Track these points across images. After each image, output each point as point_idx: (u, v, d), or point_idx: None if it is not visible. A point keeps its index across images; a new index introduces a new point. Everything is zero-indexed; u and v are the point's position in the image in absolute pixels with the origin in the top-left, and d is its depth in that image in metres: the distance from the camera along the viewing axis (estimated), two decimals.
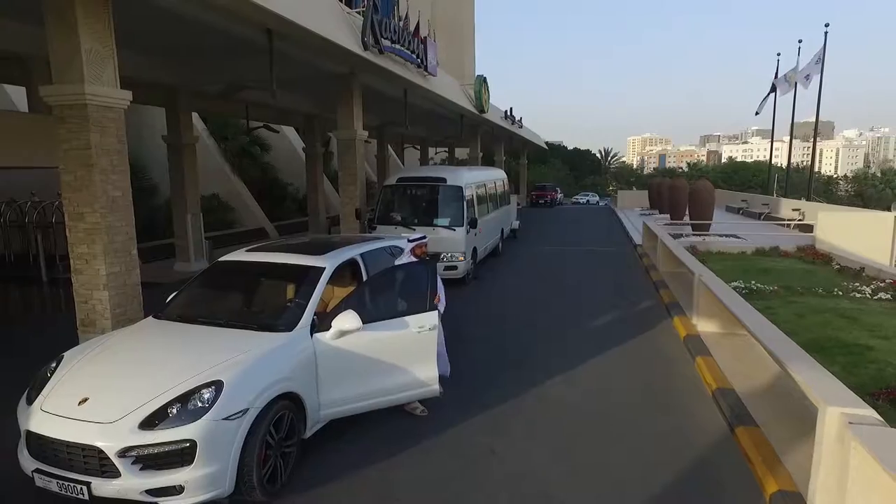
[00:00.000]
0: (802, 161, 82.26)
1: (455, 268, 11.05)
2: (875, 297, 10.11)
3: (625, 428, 5.27)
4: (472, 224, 11.54)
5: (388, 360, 4.88)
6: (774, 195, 35.28)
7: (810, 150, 31.22)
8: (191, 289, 5.46)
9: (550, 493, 4.21)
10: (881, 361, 6.79)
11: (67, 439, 3.58)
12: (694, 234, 18.09)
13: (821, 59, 27.04)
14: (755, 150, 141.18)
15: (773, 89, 30.94)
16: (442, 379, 5.97)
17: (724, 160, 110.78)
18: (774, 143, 37.21)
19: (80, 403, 3.73)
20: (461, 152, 39.82)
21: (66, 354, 4.39)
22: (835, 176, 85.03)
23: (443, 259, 10.71)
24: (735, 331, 7.47)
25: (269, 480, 4.03)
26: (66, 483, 3.56)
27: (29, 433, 3.75)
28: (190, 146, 13.14)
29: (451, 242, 11.08)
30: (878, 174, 74.70)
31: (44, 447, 3.70)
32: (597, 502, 4.10)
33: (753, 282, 11.15)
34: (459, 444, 4.95)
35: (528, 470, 4.53)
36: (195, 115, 16.77)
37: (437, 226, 11.17)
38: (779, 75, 30.65)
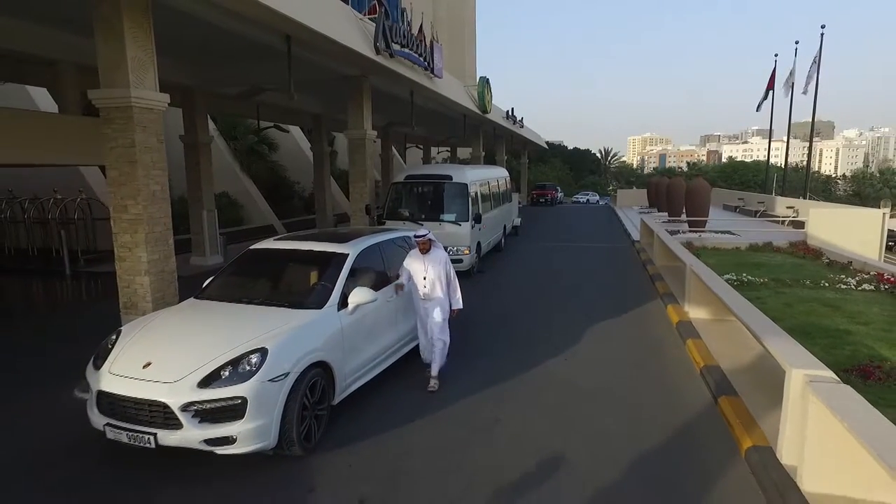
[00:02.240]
0: (802, 160, 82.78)
1: (460, 261, 11.60)
2: (859, 288, 10.66)
3: (618, 399, 5.84)
4: (477, 219, 12.09)
5: (381, 326, 5.99)
6: (773, 194, 35.88)
7: (807, 149, 31.75)
8: (225, 274, 6.03)
9: (549, 451, 4.77)
10: (857, 344, 7.36)
11: (136, 396, 4.15)
12: (690, 231, 18.66)
13: (817, 62, 27.59)
14: (755, 150, 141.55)
15: (770, 91, 31.52)
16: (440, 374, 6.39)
17: (724, 160, 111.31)
18: (776, 143, 37.75)
19: (144, 367, 4.31)
20: (463, 152, 40.35)
21: (124, 329, 4.96)
22: (833, 175, 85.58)
23: (448, 252, 11.25)
24: (723, 317, 8.04)
25: (305, 438, 4.61)
26: (135, 434, 4.13)
27: (100, 393, 4.32)
28: (206, 145, 13.71)
29: (457, 237, 11.65)
30: (877, 174, 75.23)
31: (113, 404, 4.27)
32: (591, 459, 4.65)
33: (745, 274, 11.69)
34: (468, 413, 5.51)
35: (529, 433, 5.09)
36: None
37: (443, 221, 11.75)
38: (776, 77, 31.22)
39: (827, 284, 10.98)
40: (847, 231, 15.42)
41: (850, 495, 3.70)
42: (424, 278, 6.05)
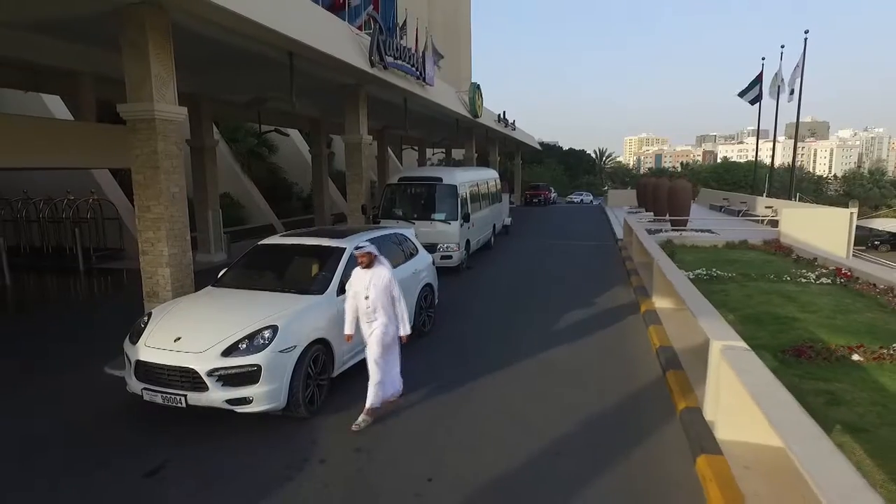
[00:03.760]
0: (797, 160, 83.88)
1: (450, 257, 12.48)
2: (818, 282, 11.54)
3: (583, 373, 6.72)
4: (466, 218, 12.96)
5: None
6: (764, 194, 36.84)
7: (803, 150, 32.71)
8: (238, 266, 6.88)
9: (520, 412, 5.64)
10: (801, 329, 8.23)
11: (170, 364, 5.00)
12: (672, 230, 19.55)
13: (800, 67, 28.51)
14: (750, 150, 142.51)
15: (759, 96, 32.46)
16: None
17: (719, 160, 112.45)
18: (770, 144, 38.73)
19: (175, 340, 5.16)
20: (457, 153, 41.22)
21: (153, 311, 5.81)
22: (825, 176, 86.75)
23: (439, 249, 12.16)
24: (683, 306, 8.89)
25: (309, 402, 5.46)
26: (169, 395, 4.98)
27: (138, 362, 5.16)
28: (211, 149, 14.55)
29: (447, 234, 12.52)
30: (867, 174, 76.36)
31: (149, 372, 5.12)
32: (553, 420, 5.51)
33: (715, 270, 12.57)
34: (453, 385, 6.36)
35: (504, 399, 5.97)
36: None
37: (434, 220, 12.62)
38: (764, 80, 32.15)
39: (789, 278, 11.86)
40: (817, 229, 16.31)
41: (751, 440, 4.56)
42: (367, 297, 5.37)
